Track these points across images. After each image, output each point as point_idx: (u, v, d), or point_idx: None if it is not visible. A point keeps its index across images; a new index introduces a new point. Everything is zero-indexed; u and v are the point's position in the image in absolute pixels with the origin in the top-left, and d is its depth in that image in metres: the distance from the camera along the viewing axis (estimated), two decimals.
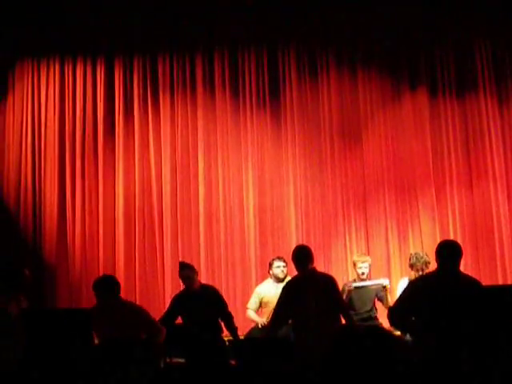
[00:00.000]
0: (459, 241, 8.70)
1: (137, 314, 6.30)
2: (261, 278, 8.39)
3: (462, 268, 7.00)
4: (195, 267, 7.29)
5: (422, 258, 7.53)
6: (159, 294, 9.04)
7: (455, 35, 9.36)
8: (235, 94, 9.56)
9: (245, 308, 7.90)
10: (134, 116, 9.48)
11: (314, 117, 9.42)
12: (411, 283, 5.96)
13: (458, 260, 5.57)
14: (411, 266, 7.57)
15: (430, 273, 6.00)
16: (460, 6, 9.16)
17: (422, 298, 5.44)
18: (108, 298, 6.29)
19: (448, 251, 5.59)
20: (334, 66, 9.51)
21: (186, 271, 7.21)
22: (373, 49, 9.45)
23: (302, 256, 6.53)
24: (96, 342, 6.07)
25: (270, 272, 7.84)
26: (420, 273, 7.36)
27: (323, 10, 9.26)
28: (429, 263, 7.38)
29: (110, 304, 6.27)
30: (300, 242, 8.26)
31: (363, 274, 7.61)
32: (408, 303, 5.55)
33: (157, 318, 6.73)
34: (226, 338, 7.14)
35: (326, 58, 9.53)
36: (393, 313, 5.68)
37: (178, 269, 7.32)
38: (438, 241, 6.52)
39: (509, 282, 8.62)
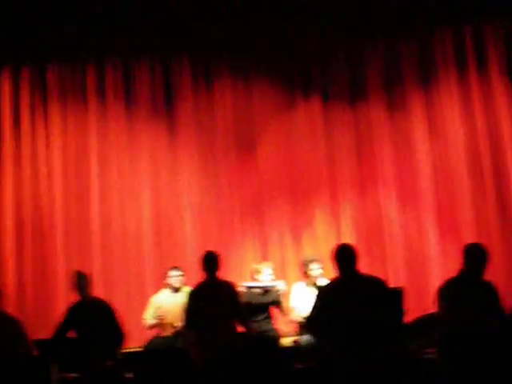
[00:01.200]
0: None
1: (16, 328, 6.12)
2: (158, 289, 8.31)
3: None
4: (90, 279, 7.16)
5: (307, 258, 7.73)
6: (51, 307, 8.78)
7: (346, 43, 9.54)
8: (128, 104, 9.47)
9: (142, 320, 7.80)
10: (22, 127, 9.26)
11: (209, 126, 9.45)
12: (320, 291, 6.00)
13: (355, 261, 5.70)
14: (305, 274, 7.70)
15: (334, 278, 6.11)
16: (349, 14, 9.36)
17: (332, 304, 5.55)
18: None
19: (346, 254, 5.73)
20: (228, 76, 9.55)
21: (80, 280, 7.08)
22: (266, 58, 9.53)
23: (211, 261, 6.57)
24: None
25: (167, 282, 7.79)
26: (310, 273, 7.52)
27: (216, 20, 9.26)
28: (313, 261, 7.56)
29: None
30: (197, 252, 8.23)
31: (271, 280, 7.70)
32: (321, 311, 5.63)
33: (50, 331, 6.58)
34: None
35: (220, 68, 9.55)
36: (310, 323, 5.75)
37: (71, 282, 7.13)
38: (333, 246, 6.61)
39: (400, 284, 8.81)
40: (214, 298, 6.41)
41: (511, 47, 9.82)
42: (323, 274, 7.53)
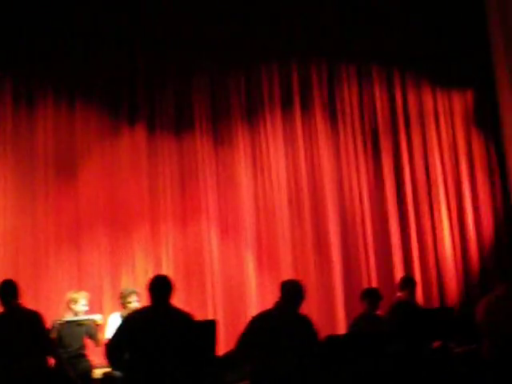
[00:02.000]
0: (172, 277, 8.85)
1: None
2: None
3: (175, 303, 7.08)
4: None
5: (126, 290, 7.61)
6: None
7: (173, 72, 9.53)
8: None
9: None
10: None
11: (28, 148, 9.01)
12: (125, 319, 5.91)
13: (169, 294, 5.64)
14: (123, 305, 7.57)
15: (143, 308, 6.04)
16: (179, 44, 9.42)
17: (135, 333, 5.42)
18: None
19: (159, 286, 5.66)
20: (51, 100, 9.20)
21: None
22: (92, 83, 9.31)
23: (7, 290, 6.27)
24: None
25: None
26: (128, 304, 7.42)
27: (41, 42, 8.98)
28: (132, 293, 7.53)
29: None
30: (8, 276, 7.82)
31: (85, 311, 7.49)
32: (122, 339, 5.50)
33: None
34: None
35: (42, 91, 9.19)
36: (108, 350, 5.59)
37: None
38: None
39: (219, 316, 8.83)
40: (13, 328, 6.11)
41: (334, 88, 10.26)
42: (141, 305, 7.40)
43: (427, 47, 10.84)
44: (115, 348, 5.49)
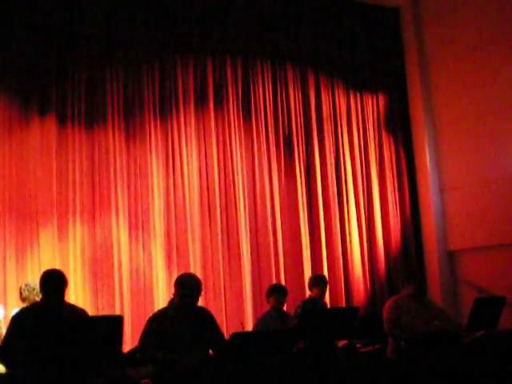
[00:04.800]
0: (79, 271, 8.69)
1: None
2: None
3: (81, 298, 6.96)
4: None
5: (34, 289, 7.34)
6: None
7: (86, 64, 9.35)
8: None
9: None
10: None
11: None
12: (13, 317, 5.68)
13: (63, 290, 5.53)
14: (24, 300, 7.30)
15: (34, 304, 5.92)
16: (93, 37, 9.31)
17: (25, 333, 5.30)
18: None
19: (52, 281, 5.53)
20: None
21: None
22: (4, 70, 9.01)
23: None
24: None
25: None
26: None
27: None
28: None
29: None
30: None
31: None
32: (13, 339, 5.35)
33: None
34: None
35: None
36: (2, 350, 5.43)
37: None
38: None
39: (125, 313, 8.71)
40: None
41: (249, 86, 10.31)
42: None
43: (342, 49, 11.00)
44: (6, 347, 5.34)
